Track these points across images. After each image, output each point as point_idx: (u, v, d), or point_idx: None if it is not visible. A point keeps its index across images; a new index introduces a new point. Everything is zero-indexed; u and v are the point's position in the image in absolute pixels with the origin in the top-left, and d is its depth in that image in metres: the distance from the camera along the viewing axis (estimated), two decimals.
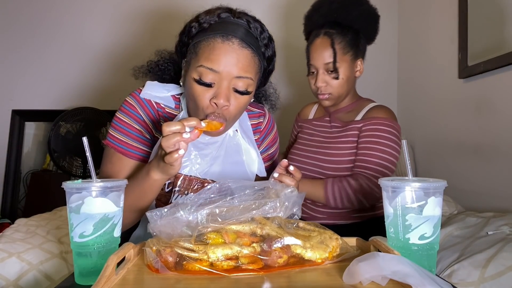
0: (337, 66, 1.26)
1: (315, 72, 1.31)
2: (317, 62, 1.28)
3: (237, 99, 0.88)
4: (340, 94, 1.31)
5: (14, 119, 2.21)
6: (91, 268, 0.67)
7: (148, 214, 0.73)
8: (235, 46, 0.87)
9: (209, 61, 0.86)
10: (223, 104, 0.86)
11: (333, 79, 1.28)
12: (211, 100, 0.87)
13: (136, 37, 2.27)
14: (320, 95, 1.32)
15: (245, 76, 0.87)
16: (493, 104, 1.54)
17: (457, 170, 1.75)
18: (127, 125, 0.96)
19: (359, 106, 1.36)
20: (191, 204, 0.73)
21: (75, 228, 0.67)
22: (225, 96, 0.86)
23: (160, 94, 0.98)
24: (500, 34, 1.48)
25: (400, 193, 0.69)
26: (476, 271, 0.94)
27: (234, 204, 0.73)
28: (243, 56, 0.87)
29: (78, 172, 2.10)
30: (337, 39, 1.26)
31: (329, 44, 1.26)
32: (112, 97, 2.23)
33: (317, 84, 1.29)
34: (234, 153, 1.01)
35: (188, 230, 0.71)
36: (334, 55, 1.25)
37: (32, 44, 2.24)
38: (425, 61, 2.06)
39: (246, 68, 0.87)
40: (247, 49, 0.88)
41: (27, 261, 1.07)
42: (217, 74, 0.86)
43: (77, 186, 0.67)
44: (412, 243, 0.68)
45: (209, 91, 0.87)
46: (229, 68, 0.86)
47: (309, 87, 1.37)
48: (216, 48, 0.86)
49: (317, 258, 0.72)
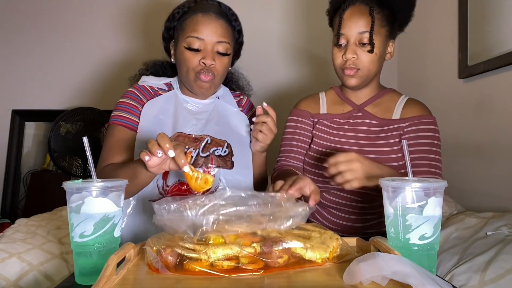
0: (373, 37, 1.11)
1: (344, 43, 1.14)
2: (350, 30, 1.12)
3: (220, 59, 1.12)
4: (369, 72, 1.15)
5: (14, 119, 2.21)
6: (92, 268, 0.67)
7: (156, 206, 0.74)
8: (213, 18, 1.11)
9: (195, 32, 1.09)
10: (210, 63, 1.10)
11: (365, 52, 1.12)
12: (200, 61, 1.10)
13: (136, 37, 2.27)
14: (348, 70, 1.14)
15: (224, 40, 1.11)
16: (493, 104, 1.54)
17: (457, 170, 1.75)
18: (126, 103, 1.15)
19: (388, 99, 1.23)
20: (199, 206, 0.73)
21: (76, 228, 0.67)
22: (211, 57, 1.10)
23: (154, 81, 1.21)
24: (500, 34, 1.48)
25: (400, 193, 0.69)
26: (476, 275, 0.94)
27: (242, 218, 0.73)
28: (220, 25, 1.11)
29: (78, 172, 2.10)
30: (376, 9, 1.12)
31: (367, 12, 1.11)
32: (112, 97, 2.22)
33: (347, 55, 1.12)
34: (224, 118, 1.21)
35: (191, 232, 0.70)
36: (372, 24, 1.10)
37: (32, 44, 2.24)
38: (425, 61, 2.06)
39: (224, 34, 1.12)
40: (222, 20, 1.12)
41: (28, 262, 1.06)
42: (202, 41, 1.09)
43: (78, 186, 0.67)
44: (412, 243, 0.68)
45: (197, 54, 1.10)
46: (211, 35, 1.09)
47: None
48: (199, 21, 1.10)
49: (318, 258, 0.72)
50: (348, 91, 1.25)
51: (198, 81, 1.12)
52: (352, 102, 1.24)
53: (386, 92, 1.24)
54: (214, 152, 1.13)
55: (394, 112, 1.20)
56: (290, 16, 2.31)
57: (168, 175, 1.09)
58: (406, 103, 1.21)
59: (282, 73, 2.29)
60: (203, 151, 1.12)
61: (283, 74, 2.30)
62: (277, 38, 2.30)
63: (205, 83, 1.12)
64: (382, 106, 1.22)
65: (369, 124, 1.20)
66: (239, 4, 1.32)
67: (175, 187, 1.09)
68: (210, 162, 1.12)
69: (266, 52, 2.25)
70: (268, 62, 2.25)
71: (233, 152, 1.16)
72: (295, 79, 2.30)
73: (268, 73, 2.23)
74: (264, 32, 2.24)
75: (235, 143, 1.18)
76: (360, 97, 1.23)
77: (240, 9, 1.22)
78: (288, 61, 2.31)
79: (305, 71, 2.32)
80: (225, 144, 1.16)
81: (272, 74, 2.26)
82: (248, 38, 1.27)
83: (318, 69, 2.30)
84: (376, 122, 1.19)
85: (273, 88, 2.25)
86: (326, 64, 2.31)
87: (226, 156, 1.15)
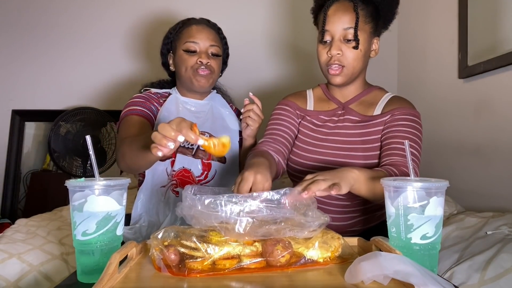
0: (357, 33, 1.10)
1: (329, 39, 1.14)
2: (334, 26, 1.12)
3: (214, 60, 1.29)
4: (354, 69, 1.15)
5: (14, 119, 2.21)
6: (94, 266, 0.67)
7: (189, 195, 0.72)
8: (205, 27, 1.31)
9: (191, 37, 1.27)
10: (206, 61, 1.26)
11: (350, 49, 1.12)
12: (197, 60, 1.26)
13: (136, 38, 2.27)
14: (332, 69, 1.14)
15: (215, 44, 1.30)
16: (493, 104, 1.54)
17: (457, 170, 1.75)
18: (135, 101, 1.27)
19: (373, 97, 1.24)
20: (234, 204, 0.71)
21: (78, 226, 0.67)
22: (206, 56, 1.27)
23: (156, 90, 1.36)
24: (500, 34, 1.48)
25: (402, 193, 0.69)
26: (476, 273, 0.94)
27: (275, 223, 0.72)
28: (210, 33, 1.30)
29: (78, 172, 2.10)
30: (360, 5, 1.12)
31: (352, 8, 1.11)
32: (112, 97, 2.23)
33: (332, 51, 1.12)
34: (218, 119, 1.36)
35: (222, 229, 0.69)
36: (356, 20, 1.10)
37: (32, 45, 2.24)
38: (425, 61, 2.07)
39: (215, 39, 1.30)
40: (212, 29, 1.32)
41: (28, 262, 1.06)
42: (198, 44, 1.27)
43: (80, 184, 0.67)
44: (414, 243, 0.68)
45: (194, 56, 1.27)
46: (204, 40, 1.28)
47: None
48: (193, 29, 1.29)
49: (319, 257, 0.72)
50: (334, 89, 1.25)
51: (197, 76, 1.26)
52: (337, 100, 1.24)
53: (371, 90, 1.24)
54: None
55: (376, 108, 1.20)
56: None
57: (175, 163, 1.24)
58: (390, 99, 1.21)
59: (268, 71, 2.30)
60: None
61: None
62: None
63: (203, 77, 1.27)
64: (366, 103, 1.22)
65: (351, 121, 1.20)
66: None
67: (180, 172, 1.24)
68: (208, 155, 1.27)
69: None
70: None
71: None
72: (281, 77, 2.31)
73: (253, 71, 2.25)
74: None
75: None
76: (346, 94, 1.23)
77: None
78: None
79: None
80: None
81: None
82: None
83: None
84: (358, 118, 1.19)
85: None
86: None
87: None
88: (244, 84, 2.07)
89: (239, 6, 2.29)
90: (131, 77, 2.22)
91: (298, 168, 1.20)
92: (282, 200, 0.78)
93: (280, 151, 1.18)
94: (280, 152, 1.17)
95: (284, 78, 2.32)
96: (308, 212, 0.75)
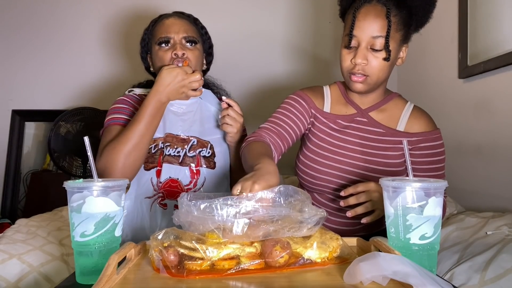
0: (389, 44, 1.01)
1: (355, 45, 1.04)
2: (363, 33, 1.02)
3: (191, 50, 1.22)
4: (378, 79, 1.07)
5: (14, 119, 2.21)
6: (92, 267, 0.67)
7: (185, 202, 0.72)
8: (177, 19, 1.25)
9: (163, 32, 1.22)
10: (181, 52, 1.19)
11: (376, 58, 1.03)
12: (172, 53, 1.19)
13: (136, 38, 2.27)
14: (355, 76, 1.06)
15: (189, 34, 1.23)
16: (493, 104, 1.54)
17: (457, 170, 1.75)
18: (117, 108, 1.24)
19: (393, 106, 1.18)
20: (229, 207, 0.71)
21: (76, 227, 0.67)
22: (180, 48, 1.20)
23: (139, 91, 1.31)
24: (500, 34, 1.48)
25: (400, 193, 0.69)
26: (476, 274, 0.94)
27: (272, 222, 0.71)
28: (183, 23, 1.24)
29: (78, 172, 2.10)
30: (393, 11, 1.01)
31: (384, 14, 1.00)
32: (112, 97, 2.21)
33: (356, 59, 1.03)
34: (207, 118, 1.29)
35: (219, 232, 0.69)
36: (388, 28, 1.00)
37: (32, 45, 2.24)
38: (425, 61, 2.06)
39: (188, 30, 1.24)
40: (185, 20, 1.26)
41: (28, 263, 1.06)
42: (171, 38, 1.21)
43: (79, 185, 0.67)
44: (412, 243, 0.68)
45: (168, 50, 1.20)
46: (177, 31, 1.21)
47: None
48: (165, 23, 1.24)
49: (318, 258, 0.72)
50: (353, 94, 1.18)
51: None
52: (356, 105, 1.18)
53: (391, 98, 1.19)
54: (200, 153, 1.23)
55: (400, 122, 1.16)
56: (286, 14, 2.31)
57: (161, 173, 1.18)
58: (412, 114, 1.17)
59: (278, 69, 2.29)
60: (190, 151, 1.22)
61: (279, 70, 2.30)
62: (273, 35, 2.31)
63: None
64: (387, 114, 1.17)
65: (374, 133, 1.15)
66: (238, 3, 1.34)
67: (167, 183, 1.18)
68: (197, 161, 1.21)
69: (262, 48, 2.25)
70: (263, 57, 2.26)
71: (215, 153, 1.25)
72: (291, 75, 2.31)
73: (264, 68, 2.25)
74: (262, 30, 2.24)
75: (216, 144, 1.27)
76: (365, 101, 1.17)
77: (238, 8, 1.23)
78: (284, 56, 2.32)
79: (301, 67, 2.32)
80: (209, 145, 1.25)
81: (268, 69, 2.27)
82: (241, 35, 1.28)
83: (314, 67, 2.30)
84: (382, 130, 1.15)
85: (268, 83, 2.26)
86: (326, 62, 2.32)
87: (209, 157, 1.24)
88: (251, 80, 2.03)
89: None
90: (131, 77, 2.20)
91: (312, 174, 1.15)
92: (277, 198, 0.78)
93: (280, 147, 1.12)
94: (279, 148, 1.12)
95: (293, 76, 2.32)
96: (304, 208, 0.75)
